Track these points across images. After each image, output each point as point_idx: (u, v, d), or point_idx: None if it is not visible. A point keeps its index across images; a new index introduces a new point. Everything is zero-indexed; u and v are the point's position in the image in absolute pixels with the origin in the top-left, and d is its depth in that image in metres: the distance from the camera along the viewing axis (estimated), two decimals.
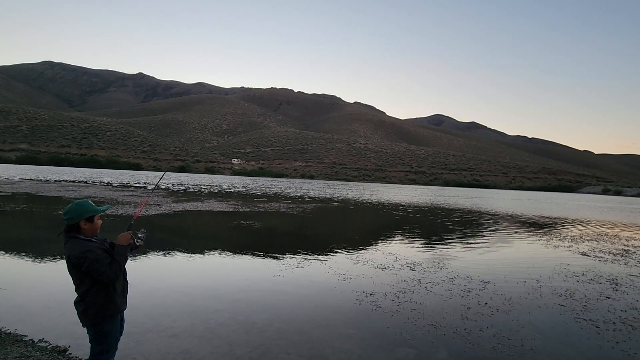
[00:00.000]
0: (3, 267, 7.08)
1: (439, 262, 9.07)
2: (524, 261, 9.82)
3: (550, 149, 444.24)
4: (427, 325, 5.02)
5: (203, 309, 5.26)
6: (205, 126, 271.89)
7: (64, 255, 2.64)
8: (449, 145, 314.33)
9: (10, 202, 17.45)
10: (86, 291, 2.66)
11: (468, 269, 8.48)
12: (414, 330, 4.84)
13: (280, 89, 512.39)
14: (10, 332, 4.12)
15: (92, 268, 2.56)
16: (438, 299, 6.20)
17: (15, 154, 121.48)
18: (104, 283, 2.67)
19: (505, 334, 4.85)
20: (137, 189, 31.21)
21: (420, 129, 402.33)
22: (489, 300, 6.24)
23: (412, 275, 7.65)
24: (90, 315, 2.69)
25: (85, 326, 2.77)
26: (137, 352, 3.90)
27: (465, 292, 6.66)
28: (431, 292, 6.53)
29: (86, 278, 2.63)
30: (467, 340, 4.60)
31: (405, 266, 8.47)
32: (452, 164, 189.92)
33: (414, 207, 28.05)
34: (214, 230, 13.77)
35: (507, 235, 14.84)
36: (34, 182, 33.14)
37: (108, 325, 2.78)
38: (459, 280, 7.44)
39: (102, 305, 2.69)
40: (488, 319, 5.37)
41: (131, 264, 7.41)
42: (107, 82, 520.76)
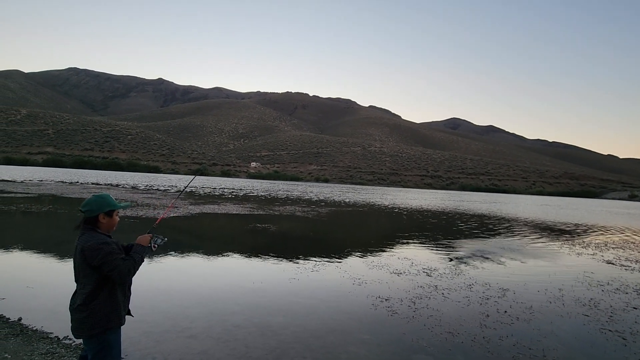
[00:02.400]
0: (29, 266, 7.36)
1: (456, 268, 8.91)
2: (545, 269, 9.54)
3: (572, 153, 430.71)
4: (444, 332, 4.93)
5: (220, 310, 5.32)
6: (221, 130, 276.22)
7: (76, 248, 2.50)
8: (466, 149, 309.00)
9: (36, 203, 18.15)
10: (91, 293, 2.44)
11: (486, 276, 8.30)
12: (430, 337, 4.76)
13: (295, 93, 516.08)
14: (37, 329, 4.28)
15: (105, 261, 2.41)
16: (455, 305, 6.09)
17: (42, 157, 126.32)
18: (111, 284, 2.50)
19: (526, 343, 4.72)
20: (155, 192, 31.93)
21: (436, 132, 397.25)
22: (508, 308, 6.09)
23: (428, 281, 7.54)
24: (90, 324, 2.44)
25: (82, 336, 2.49)
26: (156, 351, 3.99)
27: (483, 299, 6.51)
28: (448, 299, 6.42)
29: (94, 275, 2.45)
30: (486, 348, 4.49)
31: (422, 272, 8.36)
32: (469, 168, 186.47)
33: (430, 212, 27.65)
34: (230, 232, 13.94)
35: (528, 242, 14.45)
36: (58, 185, 34.35)
37: (112, 335, 2.54)
38: (477, 287, 7.28)
39: (106, 314, 2.47)
40: (508, 327, 5.23)
41: (150, 265, 7.59)
42: (128, 87, 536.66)
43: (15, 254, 8.22)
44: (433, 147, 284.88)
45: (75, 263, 2.51)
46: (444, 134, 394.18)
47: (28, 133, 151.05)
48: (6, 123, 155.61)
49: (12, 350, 3.67)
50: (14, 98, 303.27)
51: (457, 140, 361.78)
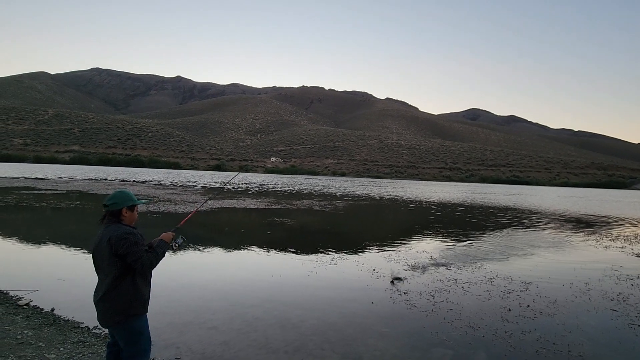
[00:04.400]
0: (60, 259, 7.72)
1: (476, 262, 8.76)
2: (570, 262, 9.25)
3: (599, 143, 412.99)
4: (464, 326, 4.88)
5: (240, 303, 5.44)
6: (239, 126, 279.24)
7: (100, 239, 2.59)
8: (486, 140, 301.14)
9: (65, 199, 18.93)
10: (113, 282, 2.54)
11: (508, 269, 8.13)
12: (450, 331, 4.72)
13: (311, 87, 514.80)
14: (68, 320, 4.50)
15: (131, 251, 2.52)
16: (476, 299, 6.00)
17: (69, 155, 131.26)
18: (133, 273, 2.59)
19: (549, 338, 4.61)
20: (176, 187, 32.71)
21: (454, 124, 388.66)
22: (531, 302, 5.95)
23: (448, 275, 7.45)
24: (113, 311, 2.54)
25: (108, 325, 2.61)
26: (180, 341, 4.12)
27: (505, 293, 6.39)
28: (468, 293, 6.33)
29: (118, 264, 2.54)
30: (508, 343, 4.42)
31: (441, 265, 8.26)
32: (490, 159, 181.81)
33: (449, 205, 27.21)
34: (249, 227, 14.15)
35: (551, 234, 14.03)
36: (85, 181, 35.68)
37: (137, 321, 2.64)
38: (499, 281, 7.14)
39: (128, 302, 2.57)
40: (531, 321, 5.12)
41: (173, 259, 7.81)
42: (148, 85, 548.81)
43: (46, 248, 8.63)
44: (451, 139, 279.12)
45: (97, 254, 2.61)
46: (463, 125, 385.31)
47: (55, 132, 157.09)
48: (35, 123, 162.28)
49: (46, 339, 3.88)
50: (41, 99, 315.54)
51: (477, 131, 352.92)
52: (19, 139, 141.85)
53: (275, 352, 3.98)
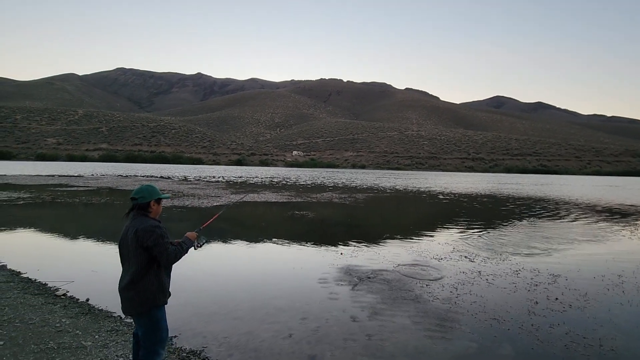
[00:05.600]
0: (93, 252, 8.12)
1: (501, 254, 8.55)
2: (602, 254, 8.87)
3: (635, 129, 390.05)
4: (489, 319, 4.79)
5: (262, 294, 5.55)
6: (258, 120, 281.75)
7: (127, 231, 2.69)
8: (511, 129, 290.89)
9: (95, 195, 19.79)
10: (138, 272, 2.63)
11: (535, 262, 7.89)
12: (474, 323, 4.65)
13: (329, 80, 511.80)
14: (102, 309, 4.74)
15: (157, 243, 2.63)
16: (501, 292, 5.87)
17: (98, 153, 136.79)
18: (157, 265, 2.70)
19: (579, 332, 4.46)
20: (199, 182, 33.51)
21: (477, 112, 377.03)
22: (559, 295, 5.76)
23: (471, 267, 7.32)
24: (139, 301, 2.64)
25: (132, 314, 2.71)
26: (205, 331, 4.26)
27: (532, 285, 6.22)
28: (493, 285, 6.20)
29: (144, 255, 2.64)
30: (535, 336, 4.31)
31: (464, 257, 8.12)
32: (515, 148, 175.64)
33: (472, 196, 26.57)
34: (270, 220, 14.34)
35: (582, 225, 13.48)
36: (114, 178, 37.13)
37: (159, 312, 2.75)
38: (525, 273, 6.95)
39: (152, 293, 2.67)
40: (559, 315, 4.97)
41: (198, 252, 8.03)
42: (170, 83, 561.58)
43: (80, 242, 9.09)
44: (474, 128, 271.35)
45: (124, 245, 2.72)
46: (487, 114, 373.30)
47: (85, 131, 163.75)
48: (66, 123, 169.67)
49: (82, 327, 4.10)
50: (71, 99, 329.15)
51: (501, 119, 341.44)
52: (52, 139, 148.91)
53: (298, 342, 4.05)
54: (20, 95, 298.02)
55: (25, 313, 4.38)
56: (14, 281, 5.64)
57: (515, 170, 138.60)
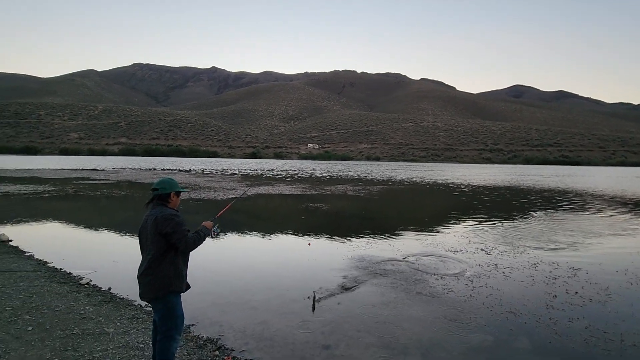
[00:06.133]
0: (114, 243, 8.39)
1: (519, 247, 8.38)
2: (626, 248, 8.59)
3: None
4: (505, 312, 4.73)
5: (277, 285, 5.63)
6: (272, 113, 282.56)
7: (147, 219, 2.82)
8: (531, 119, 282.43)
9: (116, 188, 20.37)
10: (156, 258, 2.73)
11: (554, 255, 7.71)
12: (490, 316, 4.60)
13: (343, 71, 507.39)
14: (123, 298, 4.92)
15: (176, 230, 2.74)
16: (518, 285, 5.78)
17: (118, 147, 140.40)
18: (174, 252, 2.79)
19: (600, 326, 4.36)
20: (215, 175, 33.97)
21: (496, 102, 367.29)
22: (579, 289, 5.63)
23: (487, 260, 7.21)
24: (156, 286, 2.74)
25: (149, 298, 2.80)
26: (222, 320, 4.37)
27: (550, 279, 6.09)
28: (510, 278, 6.10)
29: (162, 242, 2.75)
30: (553, 330, 4.24)
31: (480, 250, 8.00)
32: (535, 139, 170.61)
33: (490, 188, 26.05)
34: (284, 212, 14.46)
35: (606, 218, 13.05)
36: (133, 171, 38.07)
37: (175, 298, 2.84)
38: (543, 267, 6.81)
39: (169, 278, 2.77)
40: (579, 309, 4.86)
41: (214, 244, 8.20)
42: (185, 77, 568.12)
43: (102, 233, 9.41)
44: (492, 119, 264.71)
45: (143, 232, 2.85)
46: (506, 104, 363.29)
47: (105, 126, 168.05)
48: (87, 118, 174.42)
49: (105, 314, 4.27)
50: (90, 95, 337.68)
51: (521, 109, 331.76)
52: (75, 134, 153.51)
53: (312, 332, 4.10)
54: (43, 92, 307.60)
55: (51, 300, 4.58)
56: (41, 270, 5.90)
57: (535, 161, 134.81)
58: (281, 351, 3.70)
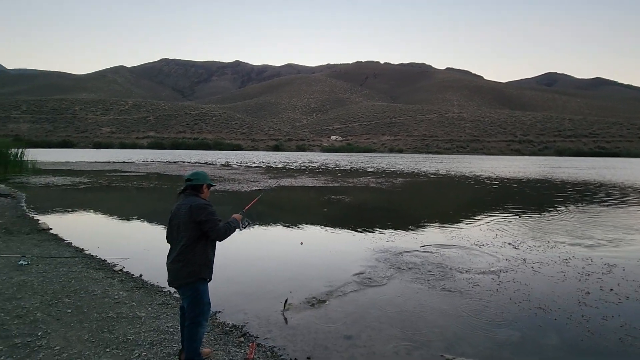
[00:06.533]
0: (145, 232, 8.76)
1: (549, 241, 8.07)
2: None
3: None
4: (533, 307, 4.59)
5: (300, 276, 5.70)
6: (294, 106, 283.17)
7: (179, 208, 2.91)
8: (564, 108, 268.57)
9: (145, 180, 21.17)
10: (188, 246, 2.83)
11: (587, 250, 7.37)
12: (517, 311, 4.48)
13: (366, 62, 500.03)
14: (154, 284, 5.14)
15: (209, 219, 2.85)
16: (548, 280, 5.58)
17: (147, 141, 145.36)
18: (205, 241, 2.90)
19: (637, 325, 4.15)
20: (238, 168, 34.60)
21: (526, 91, 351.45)
22: (615, 286, 5.36)
23: (515, 254, 6.99)
24: (186, 272, 2.84)
25: (178, 285, 2.90)
26: (247, 308, 4.49)
27: (583, 275, 5.83)
28: (539, 273, 5.90)
29: (195, 230, 2.85)
30: (585, 327, 4.07)
31: (507, 244, 7.77)
32: (568, 129, 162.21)
33: (521, 180, 25.12)
34: (306, 204, 14.56)
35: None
36: (161, 164, 39.38)
37: (203, 285, 2.94)
38: (576, 262, 6.53)
39: (199, 265, 2.87)
40: (614, 307, 4.64)
41: (239, 235, 8.38)
42: (210, 72, 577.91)
43: (133, 223, 9.83)
44: (522, 109, 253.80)
45: (175, 220, 2.95)
46: (536, 92, 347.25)
47: (135, 121, 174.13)
48: (118, 113, 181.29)
49: (137, 299, 4.48)
50: (121, 90, 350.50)
51: (553, 98, 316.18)
52: (107, 128, 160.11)
53: (334, 322, 4.14)
54: (78, 88, 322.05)
55: (88, 285, 4.85)
56: (79, 257, 6.25)
57: (569, 152, 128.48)
58: (304, 340, 3.76)
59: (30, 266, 5.48)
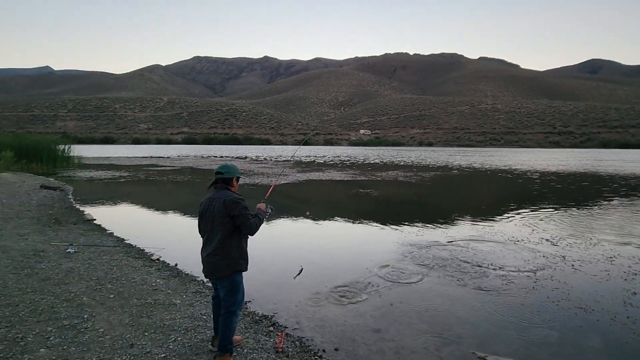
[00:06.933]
0: (179, 223, 9.13)
1: (591, 238, 7.61)
2: None
3: None
4: (573, 307, 4.36)
5: (328, 270, 5.74)
6: (322, 100, 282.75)
7: (211, 202, 2.96)
8: (610, 97, 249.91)
9: (179, 174, 22.03)
10: (224, 240, 2.91)
11: (635, 249, 6.88)
12: (555, 311, 4.27)
13: (394, 54, 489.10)
14: (188, 274, 5.36)
15: (242, 213, 2.91)
16: (590, 279, 5.27)
17: (181, 136, 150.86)
18: (239, 234, 2.98)
19: None
20: (267, 162, 35.14)
21: (566, 80, 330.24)
22: None
23: (553, 251, 6.66)
24: (224, 266, 2.93)
25: (217, 277, 3.00)
26: (276, 299, 4.59)
27: (629, 274, 5.46)
28: (580, 272, 5.58)
29: (229, 224, 2.92)
30: (631, 329, 3.82)
31: (544, 240, 7.40)
32: (614, 119, 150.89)
33: (562, 174, 23.77)
34: (335, 198, 14.57)
35: None
36: (194, 159, 40.77)
37: (239, 277, 3.05)
38: (621, 260, 6.12)
39: (236, 259, 2.97)
40: None
41: (268, 227, 8.56)
42: (239, 68, 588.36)
43: (169, 215, 10.28)
44: (562, 98, 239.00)
45: (209, 213, 3.00)
46: (578, 81, 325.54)
47: (169, 117, 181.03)
48: (154, 110, 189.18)
49: (172, 287, 4.70)
50: (157, 88, 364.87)
51: (597, 86, 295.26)
52: (144, 124, 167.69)
53: (362, 315, 4.14)
54: (117, 87, 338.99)
55: (128, 273, 5.14)
56: (120, 246, 6.63)
57: (614, 144, 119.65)
58: (332, 331, 3.79)
59: (77, 254, 5.87)
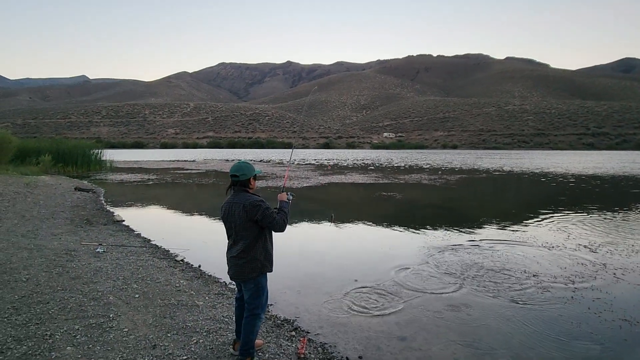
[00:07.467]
0: (203, 225, 9.26)
1: (633, 245, 7.08)
2: None
3: None
4: (617, 319, 4.03)
5: (351, 274, 5.60)
6: (344, 103, 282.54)
7: (231, 206, 2.90)
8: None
9: (205, 177, 22.51)
10: (250, 243, 2.88)
11: None
12: (597, 323, 3.97)
13: (417, 56, 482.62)
14: (211, 275, 5.39)
15: (265, 214, 2.85)
16: (634, 289, 4.88)
17: (206, 140, 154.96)
18: (264, 237, 2.95)
19: None
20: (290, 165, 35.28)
21: (599, 79, 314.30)
22: None
23: (592, 258, 6.24)
24: (250, 268, 2.91)
25: (242, 280, 2.97)
26: (298, 302, 4.51)
27: None
28: (623, 281, 5.19)
29: (254, 228, 2.88)
30: None
31: (582, 247, 6.96)
32: None
33: (599, 177, 22.51)
34: (357, 201, 14.39)
35: None
36: (219, 162, 41.65)
37: (264, 278, 3.02)
38: None
39: (261, 261, 2.94)
40: None
41: (290, 230, 8.51)
42: (263, 73, 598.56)
43: (194, 217, 10.46)
44: (596, 98, 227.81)
45: (231, 219, 2.96)
46: (612, 80, 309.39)
47: (196, 122, 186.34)
48: (181, 115, 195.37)
49: (195, 288, 4.72)
50: (184, 94, 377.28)
51: (632, 85, 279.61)
52: (171, 129, 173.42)
53: (387, 322, 4.00)
54: (147, 94, 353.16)
55: (153, 273, 5.22)
56: (146, 247, 6.78)
57: None
58: (355, 338, 3.67)
59: (105, 253, 6.04)
